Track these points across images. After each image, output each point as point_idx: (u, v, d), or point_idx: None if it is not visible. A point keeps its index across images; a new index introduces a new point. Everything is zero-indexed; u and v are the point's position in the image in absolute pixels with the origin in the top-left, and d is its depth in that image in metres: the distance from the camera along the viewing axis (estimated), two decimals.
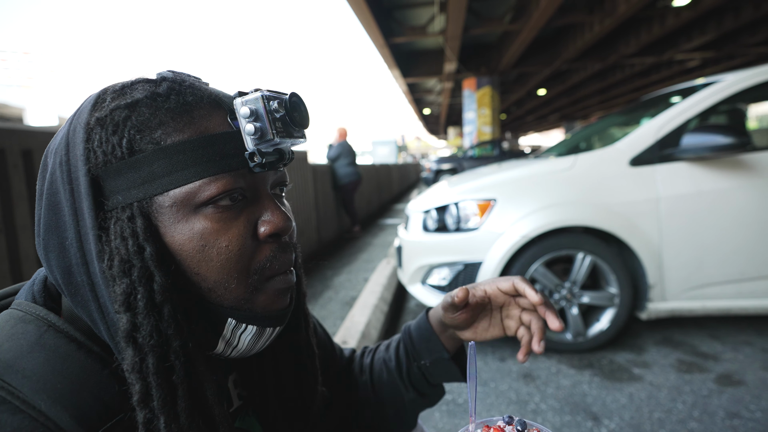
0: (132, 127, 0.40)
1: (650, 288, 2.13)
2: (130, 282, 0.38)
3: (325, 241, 5.28)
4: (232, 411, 0.54)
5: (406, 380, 0.65)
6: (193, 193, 0.40)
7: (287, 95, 0.44)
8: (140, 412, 0.37)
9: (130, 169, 0.39)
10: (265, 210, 0.45)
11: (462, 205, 2.33)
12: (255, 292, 0.44)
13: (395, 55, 12.18)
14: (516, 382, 1.97)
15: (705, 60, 14.36)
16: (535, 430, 0.44)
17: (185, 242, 0.40)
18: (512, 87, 18.09)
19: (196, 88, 0.44)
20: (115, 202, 0.39)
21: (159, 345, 0.38)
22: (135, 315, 0.37)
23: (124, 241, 0.38)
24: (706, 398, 1.76)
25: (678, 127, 2.13)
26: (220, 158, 0.41)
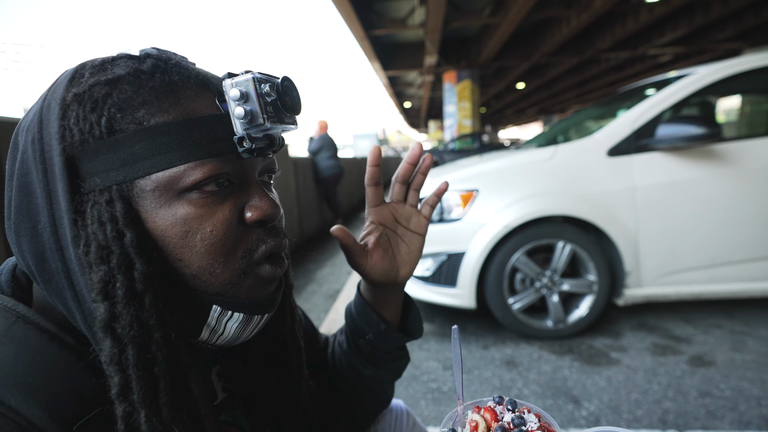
0: (113, 105, 0.37)
1: (627, 275, 2.20)
2: (108, 269, 0.36)
3: (308, 235, 5.24)
4: (217, 404, 0.52)
5: (359, 357, 0.64)
6: (178, 177, 0.38)
7: (279, 79, 0.43)
8: (119, 405, 0.35)
9: (109, 150, 0.37)
10: (253, 196, 0.43)
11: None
12: (242, 277, 0.42)
13: (375, 48, 12.09)
14: (499, 369, 2.01)
15: (676, 55, 14.80)
16: (525, 409, 0.45)
17: (168, 228, 0.39)
18: (492, 81, 18.25)
19: (183, 67, 0.41)
20: (92, 184, 0.37)
21: (139, 336, 0.36)
22: (114, 304, 0.36)
23: (102, 226, 0.36)
24: (679, 379, 1.83)
25: (653, 118, 2.19)
26: (207, 142, 0.39)
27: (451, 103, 13.88)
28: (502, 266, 2.20)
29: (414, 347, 2.29)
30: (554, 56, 13.44)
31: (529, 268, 2.22)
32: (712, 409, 1.61)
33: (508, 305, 2.23)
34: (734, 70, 2.20)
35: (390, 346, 0.62)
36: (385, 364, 0.64)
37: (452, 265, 2.26)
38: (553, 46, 11.56)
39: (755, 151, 2.12)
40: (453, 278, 2.26)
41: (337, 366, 0.68)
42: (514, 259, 2.20)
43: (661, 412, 1.61)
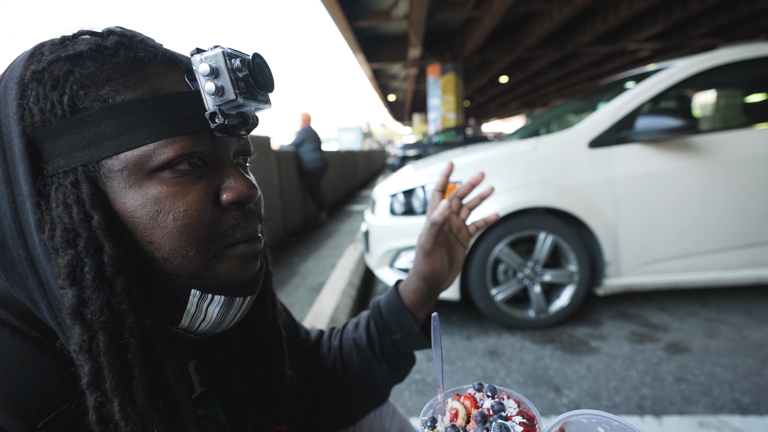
0: (75, 82, 0.35)
1: (606, 265, 2.24)
2: (75, 253, 0.34)
3: (291, 228, 5.18)
4: (194, 398, 0.51)
5: (379, 356, 0.64)
6: (147, 156, 0.36)
7: (249, 55, 0.41)
8: (90, 395, 0.33)
9: (73, 130, 0.35)
10: (228, 176, 0.42)
11: (428, 188, 2.34)
12: (215, 260, 0.41)
13: (359, 40, 11.98)
14: (482, 359, 2.02)
15: (655, 50, 15.10)
16: (504, 395, 0.45)
17: (137, 208, 0.37)
18: (475, 74, 18.33)
19: (149, 44, 0.39)
20: (56, 166, 0.35)
21: (111, 321, 0.34)
22: (82, 289, 0.34)
23: (68, 208, 0.34)
24: (656, 366, 1.88)
25: (633, 110, 2.22)
26: (178, 119, 0.37)
27: (435, 96, 13.89)
28: (485, 258, 2.21)
29: None
30: (537, 50, 13.57)
31: (512, 259, 2.23)
32: (688, 395, 1.66)
33: (491, 296, 2.25)
34: (710, 63, 2.24)
35: (413, 348, 0.64)
36: (400, 365, 0.65)
37: None
38: (536, 40, 11.66)
39: (729, 143, 2.18)
40: None
41: (345, 361, 0.67)
42: (497, 251, 2.21)
43: (639, 399, 1.65)
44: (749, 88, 2.74)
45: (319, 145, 5.59)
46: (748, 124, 2.38)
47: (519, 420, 0.40)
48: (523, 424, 0.40)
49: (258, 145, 4.20)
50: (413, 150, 12.23)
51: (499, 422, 0.39)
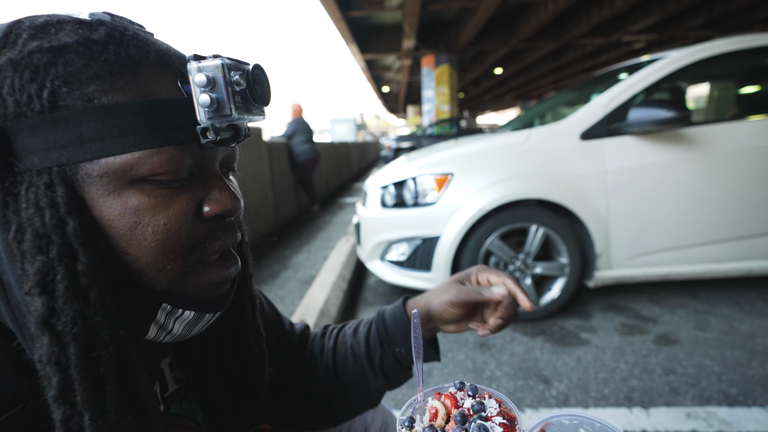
0: (57, 76, 0.32)
1: (597, 257, 2.23)
2: (47, 260, 0.31)
3: (283, 221, 5.14)
4: (168, 395, 0.49)
5: (377, 368, 0.62)
6: (130, 165, 0.34)
7: (249, 66, 0.38)
8: (57, 408, 0.31)
9: (51, 127, 0.32)
10: (213, 189, 0.40)
11: (420, 179, 2.31)
12: (190, 274, 0.39)
13: (353, 30, 11.84)
14: (472, 352, 2.02)
15: (650, 42, 15.08)
16: (486, 394, 0.43)
17: (115, 218, 0.34)
18: (470, 65, 18.23)
19: (141, 40, 0.36)
20: (28, 163, 0.32)
21: (83, 333, 0.32)
22: (53, 299, 0.31)
23: (40, 211, 0.32)
24: (645, 357, 1.88)
25: (625, 101, 2.19)
26: (166, 128, 0.35)
27: (429, 87, 13.80)
28: (477, 250, 2.20)
29: None
30: (531, 41, 13.50)
31: (503, 251, 2.22)
32: (676, 386, 1.66)
33: None
34: (703, 54, 2.22)
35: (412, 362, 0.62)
36: (397, 377, 0.63)
37: (427, 250, 2.24)
38: (530, 32, 11.59)
39: (721, 135, 2.17)
40: (428, 262, 2.25)
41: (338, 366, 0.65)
42: (488, 243, 2.19)
43: (627, 390, 1.65)
44: (743, 79, 2.73)
45: (311, 137, 5.53)
46: (741, 115, 2.37)
47: (499, 420, 0.39)
48: (503, 425, 0.39)
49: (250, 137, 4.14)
50: (407, 142, 12.18)
51: (479, 423, 0.38)
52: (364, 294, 2.92)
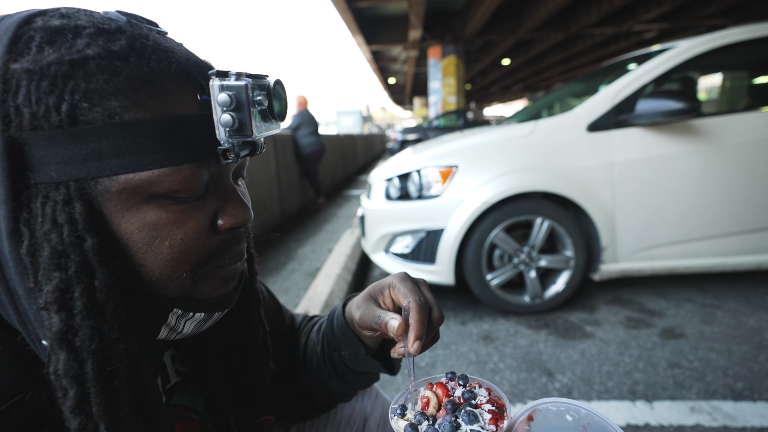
0: (77, 91, 0.31)
1: (603, 250, 2.21)
2: (65, 278, 0.31)
3: (288, 213, 5.16)
4: (169, 387, 0.50)
5: (330, 367, 0.60)
6: (150, 182, 0.33)
7: (271, 82, 0.38)
8: (74, 419, 0.32)
9: (69, 141, 0.31)
10: (227, 202, 0.40)
11: (424, 172, 2.30)
12: (200, 282, 0.40)
13: (358, 21, 11.74)
14: (476, 344, 2.02)
15: (661, 31, 14.78)
16: (476, 384, 0.44)
17: (133, 233, 0.34)
18: (477, 56, 18.03)
19: (162, 50, 0.35)
20: (44, 176, 0.31)
21: (101, 349, 0.32)
22: (71, 316, 0.32)
23: (58, 228, 0.31)
24: (650, 351, 1.87)
25: (633, 92, 2.16)
26: (186, 146, 0.34)
27: (435, 79, 13.68)
28: (481, 243, 2.19)
29: None
30: (540, 31, 13.29)
31: (508, 244, 2.21)
32: (680, 380, 1.65)
33: (486, 281, 2.24)
34: (715, 43, 2.18)
35: (363, 368, 0.58)
36: (352, 380, 0.61)
37: (431, 242, 2.24)
38: (539, 21, 11.40)
39: (733, 126, 2.13)
40: (432, 255, 2.25)
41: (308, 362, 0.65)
42: (492, 236, 2.18)
43: (631, 383, 1.65)
44: (757, 69, 2.67)
45: (316, 129, 5.52)
46: (754, 106, 2.32)
47: (488, 408, 0.40)
48: (492, 412, 0.40)
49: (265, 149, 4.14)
50: (413, 134, 12.13)
51: (468, 410, 0.39)
52: None
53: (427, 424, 0.39)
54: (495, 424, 0.39)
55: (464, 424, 0.38)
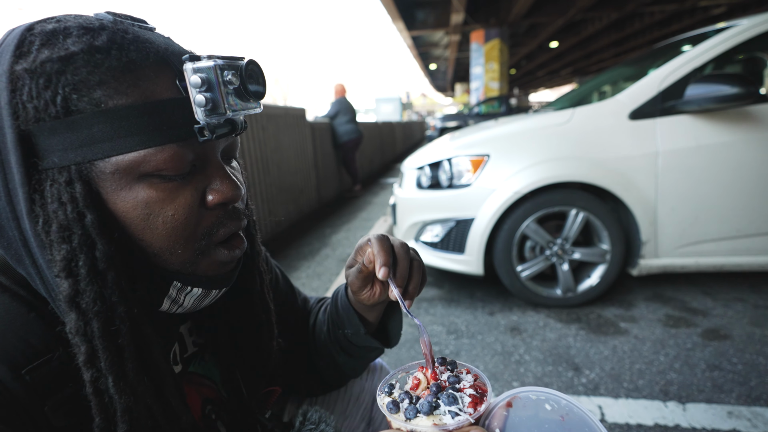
0: (67, 84, 0.36)
1: (643, 244, 2.11)
2: (70, 249, 0.36)
3: (325, 200, 5.28)
4: (187, 356, 0.55)
5: (335, 344, 0.65)
6: (138, 162, 0.38)
7: (243, 63, 0.41)
8: (87, 371, 0.37)
9: (66, 130, 0.36)
10: (214, 179, 0.43)
11: (455, 161, 2.28)
12: (200, 256, 0.44)
13: (399, 6, 11.58)
14: (503, 335, 2.01)
15: (732, 5, 13.42)
16: (465, 370, 0.46)
17: (129, 210, 0.39)
18: (523, 40, 17.27)
19: (141, 41, 0.39)
20: (50, 162, 0.37)
21: (103, 311, 0.37)
22: (77, 281, 0.37)
23: (62, 206, 0.36)
24: (689, 351, 1.78)
25: (683, 77, 2.01)
26: (168, 128, 0.38)
27: (478, 64, 13.29)
28: (512, 233, 2.16)
29: (420, 311, 2.32)
30: (591, 11, 12.51)
31: (540, 235, 2.16)
32: (720, 383, 1.57)
33: (516, 273, 2.20)
34: None
35: (367, 345, 0.63)
36: (358, 355, 0.65)
37: (460, 232, 2.23)
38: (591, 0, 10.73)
39: None
40: (461, 245, 2.24)
41: (316, 341, 0.70)
42: (523, 227, 2.14)
43: (664, 383, 1.58)
44: None
45: (354, 117, 5.57)
46: None
47: (470, 392, 0.42)
48: (472, 396, 0.41)
49: (293, 117, 4.25)
50: (453, 121, 11.89)
51: (450, 392, 0.41)
52: None
53: (408, 401, 0.42)
54: (474, 407, 0.40)
55: (443, 404, 0.41)
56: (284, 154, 3.98)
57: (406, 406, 0.41)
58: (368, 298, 0.56)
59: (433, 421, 0.39)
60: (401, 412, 0.41)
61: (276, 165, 3.77)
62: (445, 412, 0.40)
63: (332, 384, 0.73)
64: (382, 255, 0.50)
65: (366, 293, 0.56)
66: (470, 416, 0.39)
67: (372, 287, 0.56)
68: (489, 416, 0.41)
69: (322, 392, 0.74)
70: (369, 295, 0.56)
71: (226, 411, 0.58)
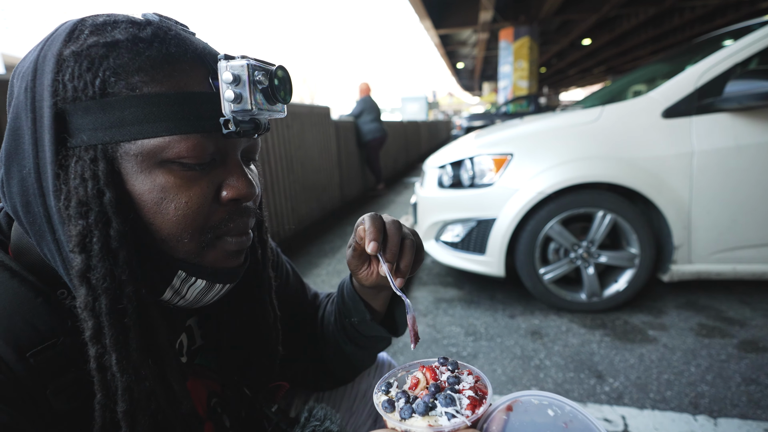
0: (108, 68, 0.38)
1: (675, 249, 2.01)
2: (86, 224, 0.38)
3: (348, 199, 5.31)
4: (195, 348, 0.56)
5: (342, 334, 0.65)
6: (161, 147, 0.39)
7: (274, 67, 0.43)
8: (92, 346, 0.38)
9: (100, 110, 0.38)
10: (231, 175, 0.44)
11: (477, 160, 2.24)
12: (206, 249, 0.44)
13: (426, 4, 11.51)
14: (523, 339, 1.96)
15: None
16: (466, 371, 0.44)
17: (145, 192, 0.40)
18: (553, 37, 16.83)
19: (182, 39, 0.42)
20: (79, 140, 0.38)
21: (112, 288, 0.38)
22: (90, 257, 0.38)
23: (84, 182, 0.38)
24: (723, 363, 1.68)
25: (723, 73, 1.90)
26: (195, 118, 0.40)
27: (506, 63, 13.06)
28: (535, 235, 2.10)
29: (439, 311, 2.29)
30: (627, 7, 12.06)
31: (564, 237, 2.09)
32: (757, 398, 1.47)
33: (539, 275, 2.14)
34: None
35: (372, 333, 0.63)
36: (365, 345, 0.65)
37: (481, 232, 2.19)
38: None
39: None
40: (482, 245, 2.20)
41: (324, 332, 0.70)
42: (547, 228, 2.08)
43: (695, 396, 1.50)
44: None
45: (378, 116, 5.57)
46: None
47: (469, 394, 0.40)
48: (471, 398, 0.40)
49: (318, 115, 4.30)
50: (479, 121, 11.73)
51: (448, 393, 0.40)
52: (419, 273, 2.95)
53: (404, 401, 0.41)
54: (471, 409, 0.39)
55: (440, 405, 0.39)
56: (308, 152, 4.03)
57: (402, 405, 0.40)
58: (366, 278, 0.56)
59: (429, 422, 0.38)
60: (396, 412, 0.40)
61: (300, 163, 3.82)
62: (441, 413, 0.39)
63: (341, 377, 0.72)
64: (373, 231, 0.50)
65: (363, 272, 0.55)
66: (467, 419, 0.38)
67: (369, 266, 0.55)
68: (488, 420, 0.39)
69: (331, 387, 0.74)
70: (366, 274, 0.55)
71: (231, 404, 0.58)
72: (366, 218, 0.52)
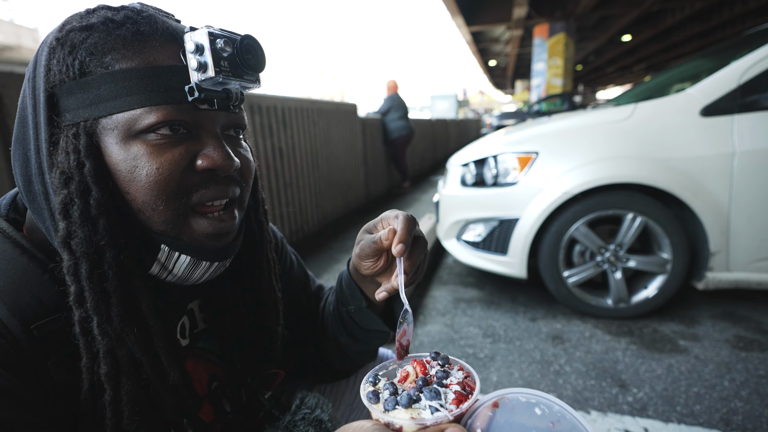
0: (85, 49, 0.41)
1: (711, 256, 1.90)
2: (68, 193, 0.41)
3: (373, 196, 5.32)
4: (197, 332, 0.57)
5: (340, 324, 0.65)
6: (134, 119, 0.42)
7: (239, 36, 0.44)
8: (76, 311, 0.41)
9: (80, 90, 0.41)
10: (208, 146, 0.45)
11: (501, 158, 2.20)
12: (182, 218, 0.45)
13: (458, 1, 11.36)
14: (543, 343, 1.90)
15: None
16: (458, 367, 0.44)
17: (120, 162, 0.42)
18: (591, 33, 16.24)
19: (153, 19, 0.44)
20: (66, 119, 0.42)
21: (91, 253, 0.41)
22: (71, 223, 0.41)
23: (67, 156, 0.41)
24: (760, 378, 1.58)
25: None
26: (164, 90, 0.42)
27: (540, 60, 12.71)
28: (559, 236, 2.04)
29: (458, 312, 2.26)
30: (671, 1, 11.46)
31: (590, 240, 2.02)
32: None
33: (562, 278, 2.08)
34: None
35: (368, 325, 0.62)
36: (360, 337, 0.65)
37: (504, 232, 2.15)
38: None
39: None
40: (504, 246, 2.16)
41: (324, 321, 0.70)
42: (572, 230, 2.01)
43: (727, 411, 1.41)
44: None
45: (406, 114, 5.55)
46: None
47: (455, 389, 0.40)
48: (457, 393, 0.40)
49: (344, 113, 4.32)
50: (510, 119, 11.49)
51: (434, 387, 0.39)
52: (440, 272, 2.92)
53: (389, 393, 0.40)
54: (457, 404, 0.38)
55: (425, 399, 0.39)
56: (334, 149, 4.06)
57: (387, 397, 0.40)
58: (368, 267, 0.55)
59: (411, 414, 0.38)
60: (380, 403, 0.40)
61: (325, 159, 3.85)
62: (425, 407, 0.38)
63: (339, 370, 0.72)
64: (404, 235, 0.49)
65: (369, 263, 0.55)
66: (450, 413, 0.37)
67: (377, 261, 0.54)
68: (473, 415, 0.38)
69: (330, 379, 0.74)
70: (370, 264, 0.55)
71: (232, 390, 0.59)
72: (401, 218, 0.51)
